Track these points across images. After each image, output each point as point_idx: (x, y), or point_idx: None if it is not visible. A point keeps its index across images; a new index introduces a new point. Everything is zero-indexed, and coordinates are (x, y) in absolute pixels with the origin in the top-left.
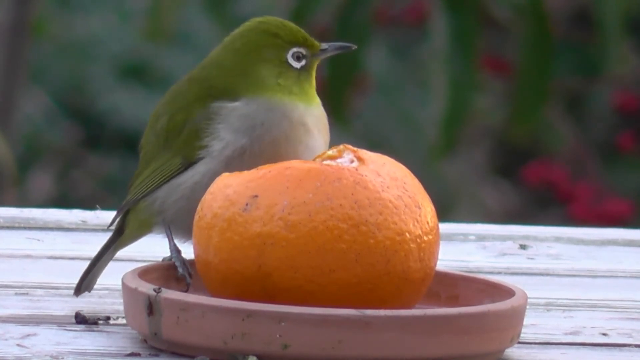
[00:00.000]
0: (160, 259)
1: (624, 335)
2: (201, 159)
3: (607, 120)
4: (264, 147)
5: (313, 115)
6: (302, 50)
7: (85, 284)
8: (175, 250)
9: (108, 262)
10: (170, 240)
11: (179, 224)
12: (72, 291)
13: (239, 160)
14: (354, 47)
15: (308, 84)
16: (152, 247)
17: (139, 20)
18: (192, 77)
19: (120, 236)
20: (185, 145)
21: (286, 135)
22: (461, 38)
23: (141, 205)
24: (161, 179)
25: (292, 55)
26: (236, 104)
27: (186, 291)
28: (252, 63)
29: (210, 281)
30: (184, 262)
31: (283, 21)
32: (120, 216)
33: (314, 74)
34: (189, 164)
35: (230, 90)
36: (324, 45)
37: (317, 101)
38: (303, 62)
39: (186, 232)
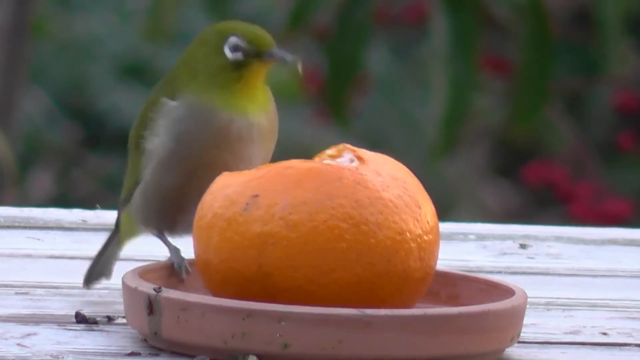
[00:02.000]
0: (160, 258)
1: (624, 335)
2: (150, 156)
3: (607, 120)
4: (189, 153)
5: (245, 122)
6: (241, 42)
7: (97, 272)
8: (174, 249)
9: (115, 256)
10: (166, 241)
11: (150, 222)
12: (72, 290)
13: (169, 163)
14: (298, 62)
15: (240, 84)
16: (152, 247)
17: (139, 20)
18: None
19: (117, 234)
20: (140, 142)
21: (214, 142)
22: (461, 38)
23: (127, 207)
24: (133, 180)
25: (229, 44)
26: (173, 103)
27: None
28: (194, 49)
29: (211, 281)
30: (182, 259)
31: (247, 24)
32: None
33: (254, 75)
34: (146, 163)
35: (175, 86)
36: (276, 50)
37: (259, 107)
38: (238, 55)
39: (160, 229)
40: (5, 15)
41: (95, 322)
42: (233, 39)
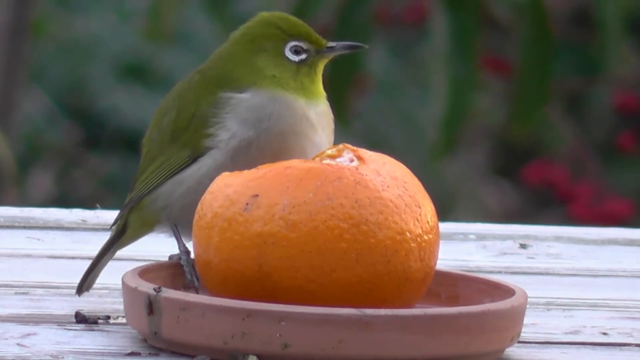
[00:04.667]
0: (160, 258)
1: (624, 335)
2: (208, 150)
3: (607, 120)
4: (270, 140)
5: (315, 111)
6: (302, 44)
7: (87, 284)
8: (185, 252)
9: (108, 261)
10: (180, 241)
11: (184, 220)
12: (72, 290)
13: (245, 154)
14: (365, 46)
15: (308, 80)
16: (152, 247)
17: (139, 20)
18: (200, 71)
19: (122, 236)
20: (192, 136)
21: (293, 129)
22: (461, 38)
23: (144, 202)
24: (166, 174)
25: (290, 48)
26: (244, 95)
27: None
28: (251, 53)
29: (211, 281)
30: (193, 265)
31: (288, 15)
32: (123, 215)
33: (317, 70)
34: (196, 156)
35: (236, 81)
36: (332, 44)
37: (322, 98)
38: (303, 57)
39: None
40: (5, 15)
41: (95, 322)
42: (292, 44)
